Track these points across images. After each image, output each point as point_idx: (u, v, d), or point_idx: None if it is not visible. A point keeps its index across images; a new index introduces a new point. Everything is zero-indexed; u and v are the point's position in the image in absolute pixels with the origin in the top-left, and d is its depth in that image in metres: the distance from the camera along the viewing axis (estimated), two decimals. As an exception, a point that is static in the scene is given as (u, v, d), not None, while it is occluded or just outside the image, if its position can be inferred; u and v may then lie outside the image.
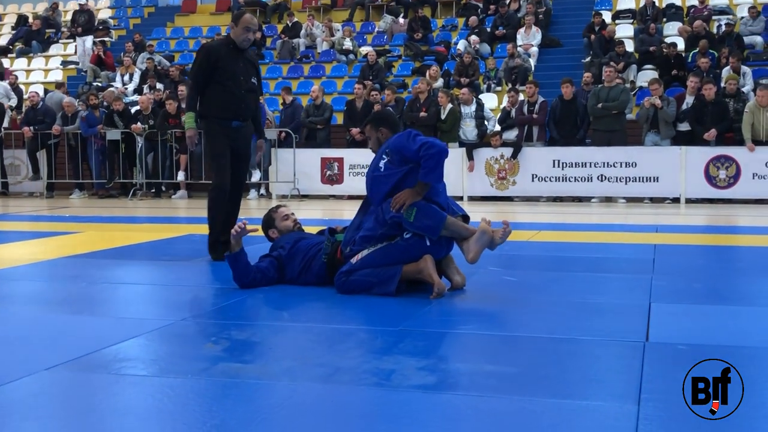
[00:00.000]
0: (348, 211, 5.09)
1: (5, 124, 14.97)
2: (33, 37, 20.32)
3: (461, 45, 16.49)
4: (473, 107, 13.12)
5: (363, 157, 12.22)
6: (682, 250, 6.79)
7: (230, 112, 5.93)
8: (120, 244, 7.02)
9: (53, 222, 9.66)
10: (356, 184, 12.70)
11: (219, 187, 5.92)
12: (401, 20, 18.64)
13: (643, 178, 12.19)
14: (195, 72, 6.03)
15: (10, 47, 20.56)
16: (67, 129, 14.29)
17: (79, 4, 20.81)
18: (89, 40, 19.31)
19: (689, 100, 12.39)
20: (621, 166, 12.24)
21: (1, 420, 2.52)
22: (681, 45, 15.43)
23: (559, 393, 2.75)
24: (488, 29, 17.36)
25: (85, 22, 19.76)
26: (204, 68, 5.91)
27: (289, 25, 18.84)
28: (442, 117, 12.97)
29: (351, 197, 12.79)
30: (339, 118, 14.57)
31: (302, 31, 18.43)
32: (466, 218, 4.75)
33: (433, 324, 3.93)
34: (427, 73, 15.00)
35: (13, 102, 15.90)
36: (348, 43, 17.79)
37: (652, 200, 12.34)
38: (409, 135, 4.56)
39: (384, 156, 4.65)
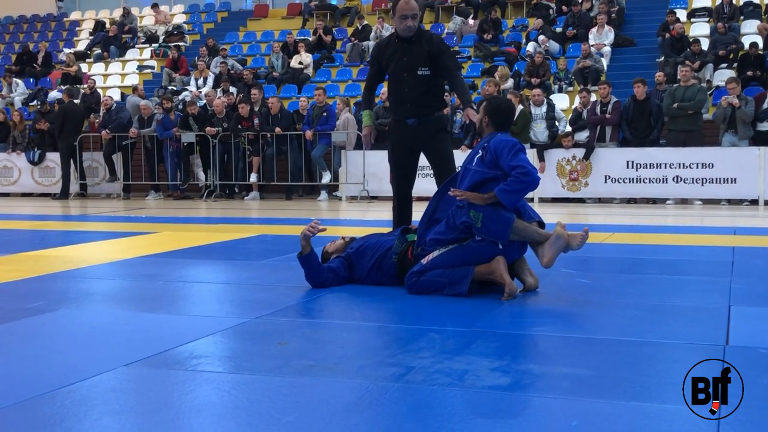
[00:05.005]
0: (417, 213, 5.09)
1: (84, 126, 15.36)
2: (110, 42, 20.82)
3: (530, 46, 16.34)
4: (544, 108, 12.99)
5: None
6: (763, 253, 6.60)
7: (400, 110, 5.56)
8: (195, 244, 7.15)
9: (130, 222, 9.88)
10: (425, 186, 12.56)
11: (394, 197, 5.74)
12: (471, 21, 18.55)
13: (720, 179, 11.90)
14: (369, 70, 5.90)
15: (88, 52, 21.12)
16: (144, 132, 14.63)
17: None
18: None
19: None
20: (697, 167, 11.96)
21: (81, 414, 2.59)
22: (759, 44, 15.00)
23: (637, 396, 2.69)
24: (560, 29, 17.17)
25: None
26: (371, 65, 5.77)
27: (359, 28, 18.92)
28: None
29: (419, 198, 12.74)
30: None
31: (372, 34, 18.49)
32: (541, 224, 4.67)
33: (505, 325, 3.90)
34: (496, 74, 14.88)
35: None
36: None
37: (730, 202, 12.04)
38: (513, 146, 4.44)
39: (480, 150, 4.60)
